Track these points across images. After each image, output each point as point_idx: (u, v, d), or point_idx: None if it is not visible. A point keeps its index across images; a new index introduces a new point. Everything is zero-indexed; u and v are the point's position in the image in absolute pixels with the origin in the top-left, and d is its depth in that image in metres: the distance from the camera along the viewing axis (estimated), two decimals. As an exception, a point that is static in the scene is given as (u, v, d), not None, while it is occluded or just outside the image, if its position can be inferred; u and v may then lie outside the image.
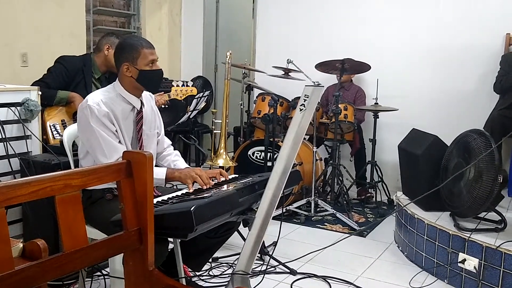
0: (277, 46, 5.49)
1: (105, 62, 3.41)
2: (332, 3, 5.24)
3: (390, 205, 4.48)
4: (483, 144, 2.80)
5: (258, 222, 1.98)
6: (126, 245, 1.62)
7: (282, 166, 1.96)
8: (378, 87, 4.40)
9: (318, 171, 4.34)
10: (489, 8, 4.48)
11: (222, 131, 3.32)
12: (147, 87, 2.36)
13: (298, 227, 3.86)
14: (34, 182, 1.33)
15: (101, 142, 2.18)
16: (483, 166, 2.77)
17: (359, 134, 4.71)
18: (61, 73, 3.33)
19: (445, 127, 4.21)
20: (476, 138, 2.87)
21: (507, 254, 2.56)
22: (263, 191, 1.95)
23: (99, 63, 3.42)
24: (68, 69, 3.34)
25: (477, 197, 2.78)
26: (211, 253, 2.53)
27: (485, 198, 2.74)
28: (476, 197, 2.79)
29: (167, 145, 2.59)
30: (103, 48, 3.38)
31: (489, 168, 2.73)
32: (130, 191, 1.58)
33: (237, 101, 4.81)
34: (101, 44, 3.41)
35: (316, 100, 1.94)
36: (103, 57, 3.41)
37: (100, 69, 3.44)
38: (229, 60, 3.33)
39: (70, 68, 3.35)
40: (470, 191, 2.83)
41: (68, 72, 3.34)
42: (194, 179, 2.19)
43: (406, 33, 4.90)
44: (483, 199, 2.75)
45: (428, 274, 3.01)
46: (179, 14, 6.17)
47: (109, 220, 1.83)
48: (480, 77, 4.55)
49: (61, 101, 3.28)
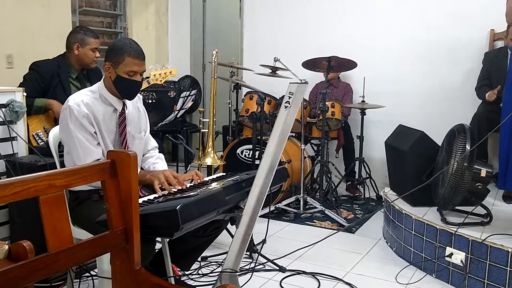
0: (264, 45, 5.50)
1: (78, 61, 3.34)
2: (320, 1, 5.25)
3: (379, 201, 4.50)
4: (460, 139, 2.84)
5: (245, 220, 1.99)
6: (112, 244, 1.62)
7: (268, 164, 1.97)
8: (365, 84, 4.42)
9: (306, 169, 4.36)
10: (474, 5, 4.52)
11: (210, 130, 3.32)
12: (121, 93, 2.31)
13: (287, 224, 3.87)
14: (17, 182, 1.32)
15: (77, 144, 2.19)
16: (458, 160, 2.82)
17: (344, 130, 4.73)
18: (36, 80, 3.24)
19: (432, 123, 4.25)
20: (455, 132, 2.91)
21: (492, 247, 2.59)
22: (250, 188, 1.96)
23: (73, 62, 3.35)
24: (42, 75, 3.26)
25: (449, 189, 2.83)
26: (200, 252, 2.53)
27: (453, 191, 2.80)
28: (448, 188, 2.84)
29: (151, 147, 2.57)
30: (73, 47, 3.30)
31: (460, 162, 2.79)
32: (115, 190, 1.58)
33: (226, 100, 4.81)
34: (70, 43, 3.33)
35: (300, 97, 1.96)
36: (75, 56, 3.32)
37: (76, 68, 3.37)
38: (215, 59, 3.33)
39: (44, 73, 3.27)
40: (443, 183, 2.88)
41: (43, 77, 3.26)
42: (161, 182, 2.16)
43: (392, 30, 4.92)
44: (452, 191, 2.81)
45: (416, 268, 3.04)
46: (165, 14, 6.16)
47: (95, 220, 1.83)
48: (466, 73, 4.59)
49: (39, 109, 3.21)
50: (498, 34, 4.47)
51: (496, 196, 3.49)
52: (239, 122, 4.70)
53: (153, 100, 3.43)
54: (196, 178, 2.28)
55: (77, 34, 3.33)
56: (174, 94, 4.83)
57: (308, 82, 4.23)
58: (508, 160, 3.26)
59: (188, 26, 6.15)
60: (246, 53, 5.74)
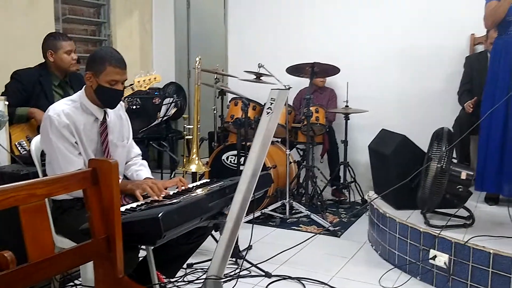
0: (249, 51, 5.53)
1: (56, 67, 3.31)
2: (303, 8, 5.30)
3: (364, 205, 4.53)
4: (438, 142, 2.88)
5: (229, 226, 1.99)
6: (95, 253, 1.62)
7: (251, 170, 1.97)
8: (348, 89, 4.46)
9: (292, 173, 4.38)
10: (454, 10, 4.59)
11: (194, 137, 3.32)
12: (103, 103, 2.31)
13: (273, 229, 3.88)
14: (-4, 192, 1.32)
15: (57, 154, 2.18)
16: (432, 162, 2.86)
17: (329, 135, 4.77)
18: (17, 89, 3.22)
19: (414, 127, 4.29)
20: (435, 135, 2.95)
21: (475, 249, 2.62)
22: (234, 195, 1.97)
23: (53, 69, 3.32)
24: (23, 84, 3.23)
25: (425, 190, 2.89)
26: (185, 259, 2.52)
27: (429, 193, 2.85)
28: (424, 190, 2.89)
29: (134, 154, 2.56)
30: (47, 55, 3.28)
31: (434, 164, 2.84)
32: (97, 199, 1.58)
33: (211, 106, 4.82)
34: (44, 52, 3.30)
35: (282, 103, 1.97)
36: (52, 63, 3.30)
37: (57, 75, 3.34)
38: (199, 66, 3.34)
39: (26, 82, 3.24)
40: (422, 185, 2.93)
41: (24, 86, 3.23)
42: (144, 189, 2.16)
43: (374, 36, 4.98)
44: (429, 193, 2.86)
45: (401, 271, 3.06)
46: (150, 21, 6.16)
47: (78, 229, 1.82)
48: (447, 77, 4.65)
49: (21, 118, 3.19)
50: (478, 38, 4.54)
51: (478, 198, 3.53)
52: (224, 128, 4.71)
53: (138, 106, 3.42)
54: (180, 185, 2.28)
55: (48, 41, 3.30)
56: (158, 100, 4.83)
57: (292, 87, 4.29)
58: (486, 162, 3.32)
59: (172, 33, 6.16)
60: (231, 59, 5.76)
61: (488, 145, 3.31)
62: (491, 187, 3.35)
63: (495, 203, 3.43)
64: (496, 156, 3.27)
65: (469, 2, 4.53)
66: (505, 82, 3.21)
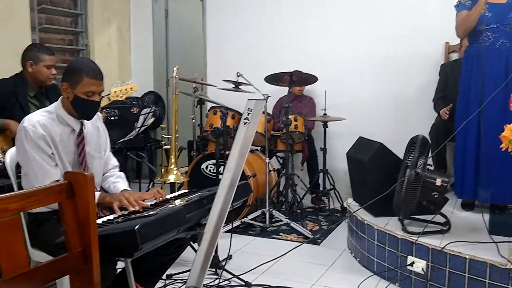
0: (228, 60, 5.54)
1: (33, 79, 3.26)
2: (281, 17, 5.34)
3: (343, 212, 4.56)
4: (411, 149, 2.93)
5: (207, 237, 1.98)
6: (71, 266, 1.60)
7: (229, 180, 1.97)
8: (326, 98, 4.50)
9: (272, 182, 4.39)
10: (429, 18, 4.66)
11: (173, 147, 3.31)
12: (80, 114, 2.29)
13: (253, 239, 3.88)
14: (-32, 207, 1.29)
15: (34, 166, 2.16)
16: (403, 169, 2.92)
17: (308, 143, 4.80)
18: None
19: (391, 134, 4.37)
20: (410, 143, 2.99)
21: (451, 254, 2.66)
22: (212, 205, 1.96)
23: (30, 80, 3.27)
24: None
25: (399, 196, 2.94)
26: (164, 270, 2.51)
27: (402, 199, 2.91)
28: (398, 196, 2.95)
29: (112, 166, 2.54)
30: (26, 65, 3.23)
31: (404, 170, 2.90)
32: (72, 212, 1.56)
33: (190, 115, 4.81)
34: (24, 61, 3.25)
35: (259, 113, 1.98)
36: (30, 74, 3.25)
37: (33, 86, 3.29)
38: (177, 75, 3.34)
39: (0, 92, 3.20)
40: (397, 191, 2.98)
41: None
42: (121, 202, 2.15)
43: (351, 45, 5.04)
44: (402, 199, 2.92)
45: (380, 278, 3.08)
46: (128, 31, 6.14)
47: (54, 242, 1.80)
48: (423, 85, 4.73)
49: None
50: (452, 46, 4.63)
51: (455, 204, 3.58)
52: (203, 137, 4.71)
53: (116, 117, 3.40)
54: (158, 196, 2.27)
55: (30, 52, 3.26)
56: (137, 110, 4.81)
57: (271, 96, 4.32)
58: (464, 169, 3.38)
59: (151, 42, 6.14)
60: (210, 68, 5.77)
61: (465, 153, 3.37)
62: (470, 194, 3.41)
63: (471, 209, 3.48)
64: (472, 163, 3.33)
65: (443, 11, 4.60)
66: (477, 91, 3.28)
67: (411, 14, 4.77)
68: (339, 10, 5.08)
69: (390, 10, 4.87)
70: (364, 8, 4.98)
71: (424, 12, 4.70)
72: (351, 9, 5.03)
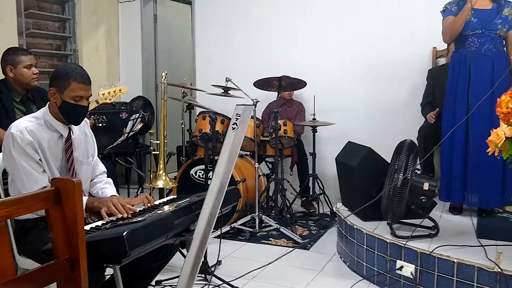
0: (217, 64, 5.54)
1: (16, 83, 3.21)
2: (270, 22, 5.36)
3: (333, 217, 4.57)
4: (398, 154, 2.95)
5: (196, 243, 1.97)
6: (58, 274, 1.58)
7: (218, 185, 1.97)
8: (315, 103, 4.52)
9: (261, 187, 4.39)
10: (417, 24, 4.70)
11: (161, 152, 3.30)
12: (67, 119, 2.28)
13: (243, 244, 3.87)
14: (-47, 215, 1.28)
15: (21, 172, 2.14)
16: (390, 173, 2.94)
17: (297, 148, 4.81)
18: None
19: (379, 139, 4.38)
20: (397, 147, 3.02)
21: (440, 258, 2.67)
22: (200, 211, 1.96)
23: (14, 85, 3.22)
24: None
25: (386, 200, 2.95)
26: (153, 276, 2.49)
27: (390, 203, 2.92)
28: (386, 200, 2.96)
29: (99, 172, 2.53)
30: (7, 71, 3.19)
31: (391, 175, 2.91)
32: (60, 219, 1.55)
33: (179, 120, 4.80)
34: (3, 68, 3.21)
35: (247, 118, 1.98)
36: (12, 79, 3.20)
37: (19, 91, 3.24)
38: (165, 81, 3.33)
39: None
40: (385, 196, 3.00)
41: None
42: (109, 207, 2.14)
43: (340, 50, 5.07)
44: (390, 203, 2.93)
45: (369, 283, 3.09)
46: (116, 35, 6.13)
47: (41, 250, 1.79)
48: (411, 89, 4.77)
49: None
50: (440, 51, 4.68)
51: (443, 208, 3.60)
52: (192, 142, 4.70)
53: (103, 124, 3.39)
54: (146, 202, 2.26)
55: (7, 57, 3.22)
56: (125, 115, 4.79)
57: (261, 101, 4.33)
58: (451, 173, 3.40)
59: (139, 47, 6.12)
60: (198, 73, 5.76)
61: (452, 158, 3.40)
62: (457, 198, 3.43)
63: (459, 213, 3.50)
64: (460, 167, 3.35)
65: (431, 16, 4.64)
66: (464, 96, 3.30)
67: (398, 19, 4.80)
68: (328, 15, 5.11)
69: (378, 16, 4.90)
70: (352, 14, 5.01)
71: (412, 17, 4.74)
72: (339, 15, 5.06)
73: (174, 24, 6.56)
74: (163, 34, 6.40)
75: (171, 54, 6.47)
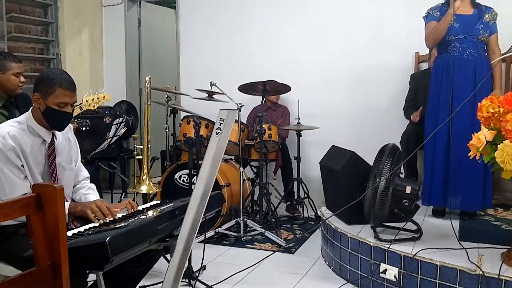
0: (201, 69, 5.53)
1: (1, 88, 3.18)
2: (254, 26, 5.37)
3: (318, 220, 4.58)
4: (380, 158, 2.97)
5: (180, 248, 1.97)
6: (39, 281, 1.56)
7: (202, 190, 1.96)
8: (299, 107, 4.54)
9: (246, 191, 4.38)
10: (399, 29, 4.76)
11: (145, 157, 3.28)
12: (51, 125, 2.27)
13: (228, 248, 3.86)
14: None
15: (1, 178, 2.12)
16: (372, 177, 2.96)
17: (282, 152, 4.82)
18: None
19: (363, 143, 4.41)
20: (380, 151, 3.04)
21: (423, 261, 2.70)
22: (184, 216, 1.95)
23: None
24: None
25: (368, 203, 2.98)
26: (136, 282, 2.47)
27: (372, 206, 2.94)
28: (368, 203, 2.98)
29: (82, 177, 2.52)
30: None
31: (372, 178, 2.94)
32: (41, 225, 1.53)
33: (163, 125, 4.78)
34: None
35: (231, 123, 1.98)
36: None
37: (2, 96, 3.21)
38: (149, 85, 3.32)
39: None
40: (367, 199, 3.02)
41: None
42: (94, 211, 2.13)
43: (323, 54, 5.10)
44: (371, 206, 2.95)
45: (354, 286, 3.10)
46: (100, 39, 6.08)
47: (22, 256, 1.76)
48: (394, 94, 4.81)
49: None
50: (422, 56, 4.73)
51: (426, 211, 3.63)
52: (176, 147, 4.68)
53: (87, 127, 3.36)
54: (129, 207, 2.25)
55: None
56: (109, 119, 4.76)
57: (245, 105, 4.33)
58: (432, 178, 3.44)
59: (123, 51, 6.09)
60: (183, 77, 5.75)
61: (434, 162, 3.43)
62: (438, 201, 3.47)
63: (441, 216, 3.54)
64: (441, 171, 3.39)
65: (413, 22, 4.69)
66: (447, 100, 3.33)
67: (381, 25, 4.85)
68: (311, 22, 5.13)
69: (361, 21, 4.94)
70: (335, 20, 5.04)
71: (395, 22, 4.79)
72: (323, 21, 5.09)
73: (158, 28, 6.53)
74: (147, 38, 6.37)
75: (155, 58, 6.45)
